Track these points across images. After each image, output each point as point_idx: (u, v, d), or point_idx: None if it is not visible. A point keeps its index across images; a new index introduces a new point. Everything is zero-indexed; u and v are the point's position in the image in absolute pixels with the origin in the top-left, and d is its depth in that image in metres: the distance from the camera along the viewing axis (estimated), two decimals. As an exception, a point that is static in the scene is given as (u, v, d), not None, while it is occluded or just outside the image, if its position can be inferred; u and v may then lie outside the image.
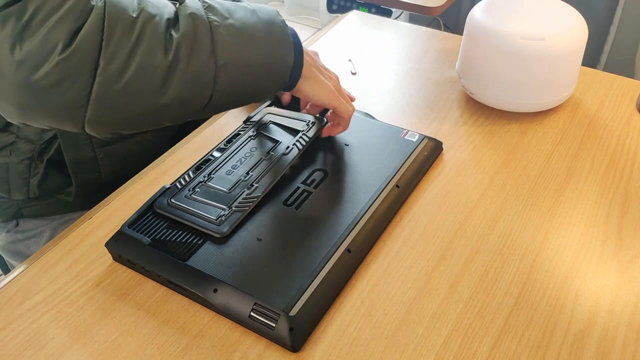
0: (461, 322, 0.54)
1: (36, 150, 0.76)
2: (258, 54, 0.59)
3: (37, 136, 0.75)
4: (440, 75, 0.91)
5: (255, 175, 0.65)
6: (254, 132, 0.73)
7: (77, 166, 0.78)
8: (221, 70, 0.56)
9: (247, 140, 0.71)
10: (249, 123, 0.75)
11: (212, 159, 0.69)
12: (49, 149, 0.77)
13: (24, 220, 0.84)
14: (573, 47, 0.76)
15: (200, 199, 0.63)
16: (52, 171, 0.78)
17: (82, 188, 0.80)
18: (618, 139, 0.76)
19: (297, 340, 0.52)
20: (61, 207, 0.83)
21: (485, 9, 0.79)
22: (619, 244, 0.62)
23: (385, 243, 0.63)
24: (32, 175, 0.78)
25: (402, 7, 1.62)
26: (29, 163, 0.77)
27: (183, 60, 0.53)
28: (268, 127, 0.73)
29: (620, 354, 0.52)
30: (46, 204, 0.82)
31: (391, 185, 0.66)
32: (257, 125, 0.74)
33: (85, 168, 0.79)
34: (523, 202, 0.67)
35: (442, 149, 0.75)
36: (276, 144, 0.70)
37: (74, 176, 0.78)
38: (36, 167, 0.77)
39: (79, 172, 0.79)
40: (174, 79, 0.53)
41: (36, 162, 0.77)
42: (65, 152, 0.77)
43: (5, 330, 0.55)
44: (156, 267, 0.58)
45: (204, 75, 0.55)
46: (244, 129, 0.74)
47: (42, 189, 0.79)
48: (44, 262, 0.62)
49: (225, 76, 0.57)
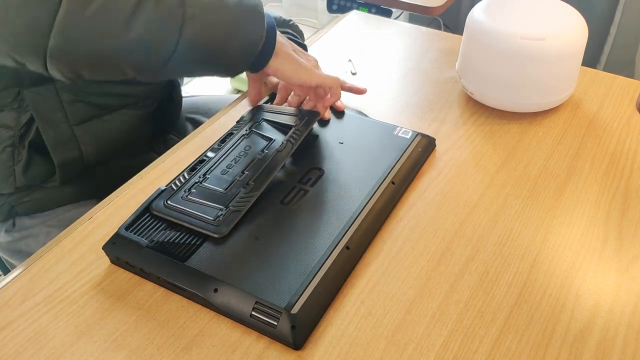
0: (461, 322, 0.54)
1: (16, 136, 0.77)
2: (227, 17, 0.60)
3: (14, 121, 0.76)
4: (440, 75, 0.91)
5: (251, 174, 0.65)
6: (247, 130, 0.72)
7: (57, 146, 0.78)
8: (189, 22, 0.57)
9: (240, 139, 0.71)
10: (241, 122, 0.75)
11: (206, 159, 0.69)
12: (28, 132, 0.77)
13: (20, 219, 0.84)
14: (573, 47, 0.76)
15: (197, 200, 0.63)
16: (35, 157, 0.79)
17: (65, 169, 0.80)
18: (618, 139, 0.76)
19: (299, 338, 0.52)
20: (52, 199, 0.83)
21: (485, 9, 0.79)
22: (619, 243, 0.62)
23: (386, 243, 0.63)
24: (16, 162, 0.78)
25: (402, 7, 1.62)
26: (12, 150, 0.77)
27: (151, 0, 0.54)
28: (261, 125, 0.73)
29: (620, 354, 0.52)
30: (37, 199, 0.82)
31: (387, 182, 0.67)
32: (250, 124, 0.73)
33: (65, 147, 0.79)
34: (523, 202, 0.67)
35: (435, 145, 0.75)
36: (270, 141, 0.70)
37: (54, 156, 0.78)
38: (19, 153, 0.78)
39: (59, 151, 0.78)
40: (140, 18, 0.54)
41: (18, 148, 0.77)
42: (44, 132, 0.77)
43: (5, 330, 0.55)
44: (155, 268, 0.58)
45: (171, 22, 0.56)
46: (236, 128, 0.73)
47: (28, 177, 0.79)
48: (44, 262, 0.62)
49: (192, 30, 0.57)
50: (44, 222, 0.84)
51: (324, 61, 0.94)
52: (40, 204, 0.83)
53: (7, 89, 0.74)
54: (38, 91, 0.74)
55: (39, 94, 0.75)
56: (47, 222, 0.84)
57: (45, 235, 0.83)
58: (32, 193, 0.82)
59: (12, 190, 0.81)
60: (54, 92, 0.75)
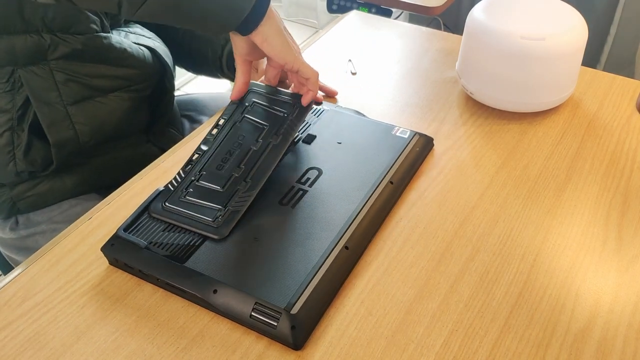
0: (461, 322, 0.54)
1: (14, 119, 0.78)
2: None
3: (10, 104, 0.77)
4: (440, 75, 0.91)
5: (247, 169, 0.65)
6: (239, 116, 0.71)
7: (52, 125, 0.79)
8: None
9: (232, 128, 0.70)
10: (232, 105, 0.72)
11: (200, 153, 0.68)
12: (26, 115, 0.78)
13: (25, 216, 0.84)
14: (573, 47, 0.76)
15: (195, 200, 0.63)
16: (35, 141, 0.79)
17: (60, 149, 0.80)
18: (618, 139, 0.76)
19: (299, 338, 0.52)
20: (54, 193, 0.84)
21: (485, 9, 0.79)
22: (619, 243, 0.62)
23: (386, 243, 0.63)
24: (16, 146, 0.79)
25: (402, 7, 1.62)
26: (11, 134, 0.78)
27: None
28: (253, 109, 0.71)
29: (620, 354, 0.52)
30: (38, 193, 0.83)
31: (385, 182, 0.67)
32: (242, 108, 0.71)
33: (59, 127, 0.79)
34: (523, 202, 0.67)
35: (433, 145, 0.75)
36: (263, 129, 0.69)
37: (49, 135, 0.79)
38: (19, 137, 0.79)
39: (54, 130, 0.79)
40: None
41: (17, 131, 0.78)
42: (38, 111, 0.77)
43: (5, 331, 0.55)
44: (154, 270, 0.58)
45: None
46: (227, 114, 0.71)
47: (28, 161, 0.80)
48: (44, 262, 0.62)
49: None
50: (51, 219, 0.84)
51: (324, 61, 0.94)
52: (41, 199, 0.83)
53: (1, 68, 0.74)
54: (32, 70, 0.75)
55: (33, 72, 0.75)
56: (53, 219, 0.84)
57: (52, 232, 0.83)
58: (33, 187, 0.82)
59: (13, 179, 0.81)
60: (48, 71, 0.76)
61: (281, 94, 0.73)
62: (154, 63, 0.87)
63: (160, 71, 0.89)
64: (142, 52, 0.85)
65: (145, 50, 0.86)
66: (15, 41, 0.73)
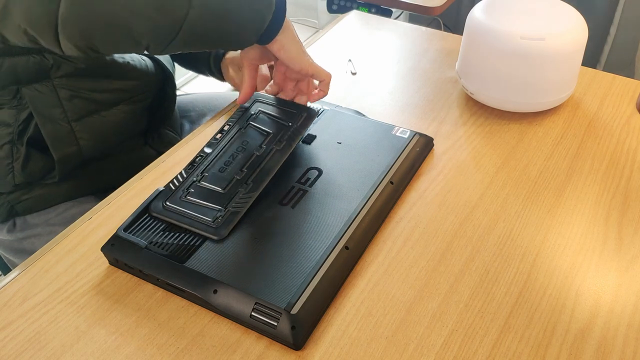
0: (461, 322, 0.54)
1: (15, 133, 0.77)
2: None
3: (13, 118, 0.76)
4: (440, 75, 0.91)
5: (249, 172, 0.65)
6: (244, 123, 0.71)
7: (56, 141, 0.78)
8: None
9: (237, 134, 0.70)
10: (238, 111, 0.73)
11: (203, 155, 0.68)
12: (27, 129, 0.77)
13: (22, 218, 0.84)
14: (573, 47, 0.76)
15: (195, 201, 0.63)
16: (33, 153, 0.79)
17: (64, 164, 0.80)
18: (618, 139, 0.76)
19: (299, 338, 0.52)
20: (51, 196, 0.84)
21: (485, 9, 0.79)
22: (619, 243, 0.62)
23: (386, 243, 0.63)
24: (15, 159, 0.79)
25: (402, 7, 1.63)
26: (10, 147, 0.78)
27: None
28: (258, 117, 0.72)
29: (620, 354, 0.52)
30: (35, 197, 0.83)
31: (385, 182, 0.67)
32: (247, 116, 0.72)
33: (64, 143, 0.79)
34: (523, 202, 0.67)
35: (433, 145, 0.75)
36: (267, 136, 0.69)
37: (54, 152, 0.79)
38: (17, 150, 0.78)
39: (58, 146, 0.79)
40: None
41: (17, 145, 0.78)
42: (43, 128, 0.77)
43: (5, 331, 0.55)
44: (154, 270, 0.58)
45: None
46: (233, 120, 0.72)
47: (26, 173, 0.79)
48: (44, 263, 0.62)
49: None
50: (47, 221, 0.84)
51: (324, 61, 0.94)
52: (38, 202, 0.83)
53: (5, 87, 0.74)
54: (36, 88, 0.75)
55: (37, 90, 0.75)
56: (49, 221, 0.84)
57: (48, 234, 0.83)
58: (30, 191, 0.82)
59: (11, 189, 0.81)
60: (52, 88, 0.76)
61: (286, 105, 0.74)
62: (156, 71, 0.87)
63: (162, 78, 0.89)
64: (144, 62, 0.85)
65: (147, 60, 0.85)
66: (18, 61, 0.73)
